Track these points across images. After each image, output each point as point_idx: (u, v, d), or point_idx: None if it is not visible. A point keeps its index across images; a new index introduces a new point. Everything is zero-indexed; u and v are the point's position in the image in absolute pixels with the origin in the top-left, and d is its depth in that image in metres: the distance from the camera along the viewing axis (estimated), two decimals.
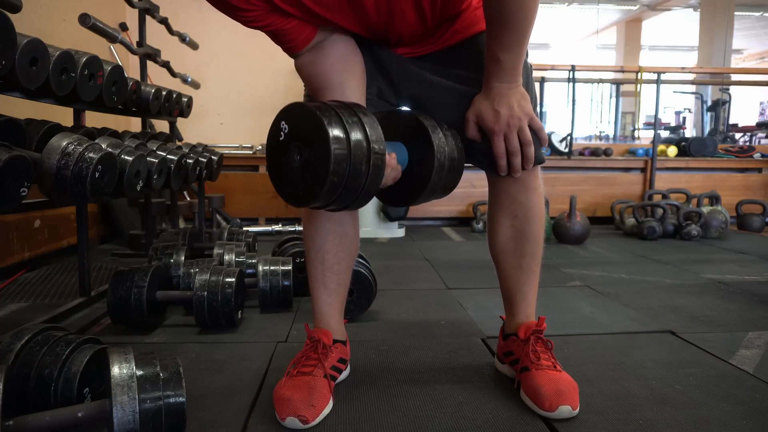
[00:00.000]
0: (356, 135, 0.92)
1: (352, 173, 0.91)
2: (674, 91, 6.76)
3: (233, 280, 1.65)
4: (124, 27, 3.75)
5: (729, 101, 6.38)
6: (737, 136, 6.92)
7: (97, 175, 1.34)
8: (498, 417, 1.10)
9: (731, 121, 6.88)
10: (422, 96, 1.19)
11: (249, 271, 2.04)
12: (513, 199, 1.21)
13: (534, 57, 1.25)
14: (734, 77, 6.35)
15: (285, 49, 1.10)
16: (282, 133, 0.95)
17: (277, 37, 1.07)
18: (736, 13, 9.55)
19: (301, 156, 0.93)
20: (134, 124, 4.01)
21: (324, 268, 1.24)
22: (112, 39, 2.13)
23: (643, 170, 4.41)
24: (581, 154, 4.57)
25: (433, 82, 1.16)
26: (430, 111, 1.15)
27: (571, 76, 4.32)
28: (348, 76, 1.11)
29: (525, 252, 1.23)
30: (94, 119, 2.16)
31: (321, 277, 1.24)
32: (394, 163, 1.04)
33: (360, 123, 0.94)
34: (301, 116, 0.94)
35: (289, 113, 0.96)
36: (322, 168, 0.89)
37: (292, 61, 1.13)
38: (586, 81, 5.26)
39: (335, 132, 0.89)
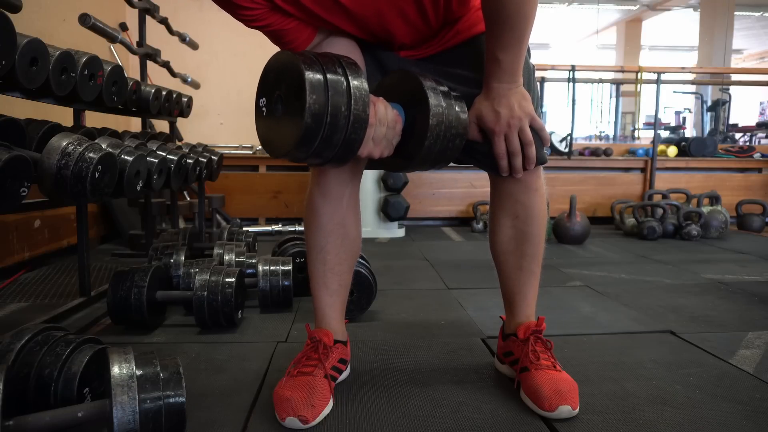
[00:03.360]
0: (336, 82, 0.90)
1: (330, 121, 0.89)
2: (674, 91, 6.77)
3: (233, 280, 1.65)
4: (124, 27, 3.75)
5: (729, 101, 6.38)
6: (737, 136, 6.92)
7: (97, 175, 1.34)
8: (498, 417, 1.10)
9: (731, 121, 6.89)
10: None
11: (249, 271, 2.04)
12: (515, 199, 1.20)
13: (534, 57, 1.25)
14: (734, 77, 6.35)
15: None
16: (268, 81, 0.96)
17: (277, 38, 1.07)
18: (736, 13, 9.55)
19: (282, 104, 0.93)
20: (134, 124, 4.01)
21: (326, 269, 1.23)
22: (112, 39, 2.13)
23: (643, 170, 4.41)
24: (581, 154, 4.57)
25: (442, 71, 1.14)
26: None
27: (571, 76, 4.31)
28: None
29: (525, 253, 1.23)
30: (94, 119, 2.16)
31: (322, 278, 1.24)
32: (392, 118, 1.01)
33: (343, 71, 0.92)
34: (283, 63, 0.94)
35: (273, 62, 0.96)
36: (299, 112, 0.88)
37: None
38: (586, 81, 5.26)
39: (312, 75, 0.88)
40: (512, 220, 1.22)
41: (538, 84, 4.64)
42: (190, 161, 2.16)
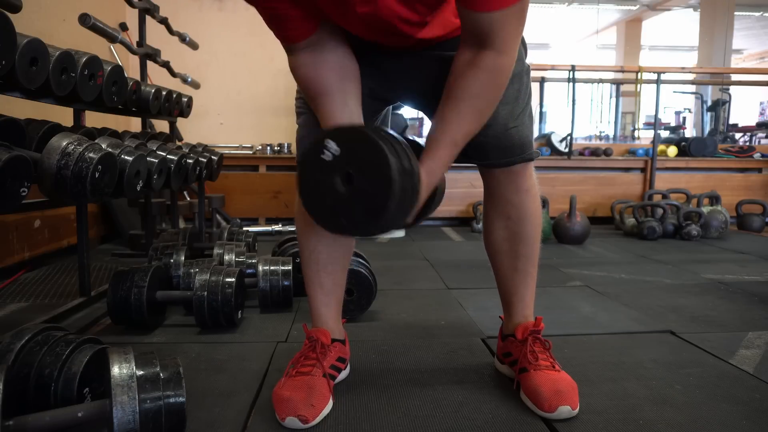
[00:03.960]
0: (406, 163, 0.87)
1: (401, 198, 0.87)
2: (674, 91, 6.76)
3: (233, 280, 1.65)
4: (124, 27, 3.75)
5: (729, 101, 6.37)
6: (737, 136, 6.91)
7: (97, 175, 1.34)
8: (498, 417, 1.10)
9: (731, 121, 6.88)
10: (425, 74, 1.13)
11: (249, 271, 2.04)
12: (506, 201, 1.20)
13: (534, 57, 1.25)
14: (734, 77, 6.35)
15: (284, 38, 1.04)
16: (328, 153, 0.87)
17: (279, 23, 1.01)
18: (736, 13, 9.54)
19: (350, 183, 0.86)
20: (134, 124, 4.01)
21: (319, 269, 1.23)
22: (112, 39, 2.13)
23: (643, 170, 4.41)
24: (581, 154, 4.57)
25: (443, 57, 1.08)
26: (436, 88, 1.08)
27: (571, 76, 4.31)
28: (348, 83, 1.08)
29: (519, 254, 1.23)
30: (94, 119, 2.17)
31: (316, 278, 1.24)
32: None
33: (405, 150, 0.89)
34: (357, 142, 0.87)
35: (340, 135, 0.88)
36: (379, 201, 0.84)
37: None
38: (586, 81, 5.26)
39: (396, 165, 0.84)
40: (505, 221, 1.22)
41: (537, 84, 4.65)
42: (190, 161, 2.16)
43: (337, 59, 1.07)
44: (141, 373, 0.88)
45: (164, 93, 2.40)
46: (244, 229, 2.87)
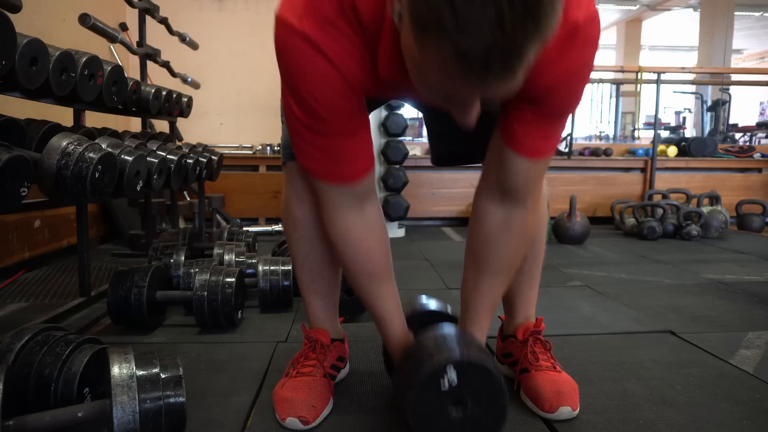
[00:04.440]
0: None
1: None
2: (674, 91, 6.77)
3: (233, 280, 1.65)
4: (124, 27, 3.75)
5: (729, 101, 6.38)
6: (737, 136, 6.92)
7: (97, 175, 1.34)
8: None
9: (731, 121, 6.89)
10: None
11: (249, 271, 2.04)
12: None
13: None
14: (734, 77, 6.36)
15: (338, 175, 0.97)
16: (446, 382, 0.89)
17: (335, 154, 0.94)
18: (736, 13, 9.55)
19: (464, 409, 0.90)
20: (134, 124, 4.01)
21: (313, 276, 1.20)
22: (112, 39, 2.13)
23: (643, 170, 4.41)
24: (581, 154, 4.57)
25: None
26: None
27: None
28: (390, 257, 1.10)
29: (526, 255, 1.23)
30: (94, 119, 2.17)
31: (311, 285, 1.21)
32: None
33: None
34: (475, 373, 0.90)
35: (459, 364, 0.90)
36: (494, 422, 0.91)
37: None
38: None
39: (506, 396, 0.91)
40: None
41: None
42: (190, 161, 2.16)
43: (384, 228, 1.09)
44: (141, 373, 0.88)
45: (164, 93, 2.40)
46: (244, 229, 2.87)
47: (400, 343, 1.08)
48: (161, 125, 3.22)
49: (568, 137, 4.34)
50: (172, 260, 1.97)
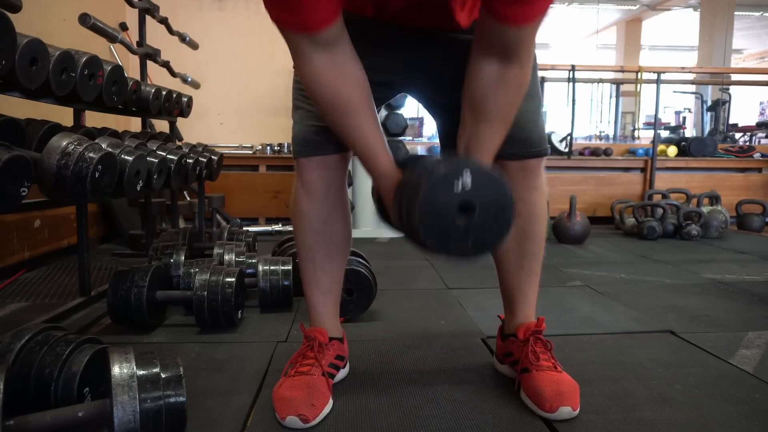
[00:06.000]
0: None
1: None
2: (674, 91, 6.76)
3: (233, 280, 1.65)
4: (124, 27, 3.75)
5: (729, 101, 6.37)
6: (737, 136, 6.91)
7: (97, 175, 1.34)
8: (498, 417, 1.10)
9: (731, 121, 6.88)
10: (447, 60, 1.11)
11: (249, 271, 2.04)
12: (517, 197, 1.19)
13: None
14: (734, 77, 6.35)
15: (301, 25, 0.92)
16: (460, 184, 0.88)
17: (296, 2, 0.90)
18: (736, 13, 9.54)
19: (470, 219, 0.89)
20: (134, 124, 4.01)
21: (315, 268, 1.23)
22: (112, 39, 2.13)
23: (643, 170, 4.41)
24: (581, 154, 4.57)
25: (467, 41, 1.05)
26: (456, 74, 1.07)
27: (571, 76, 4.31)
28: (370, 98, 1.04)
29: (527, 252, 1.23)
30: (94, 119, 2.17)
31: (313, 277, 1.23)
32: None
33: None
34: (487, 181, 0.91)
35: (474, 170, 0.90)
36: (497, 239, 0.93)
37: (291, 60, 1.03)
38: (586, 81, 5.26)
39: (514, 212, 0.92)
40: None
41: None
42: (190, 161, 2.16)
43: (358, 70, 1.01)
44: (141, 372, 0.88)
45: (164, 93, 2.40)
46: (244, 228, 2.88)
47: (392, 180, 1.02)
48: (161, 125, 3.22)
49: (568, 137, 4.34)
50: (172, 260, 1.97)
